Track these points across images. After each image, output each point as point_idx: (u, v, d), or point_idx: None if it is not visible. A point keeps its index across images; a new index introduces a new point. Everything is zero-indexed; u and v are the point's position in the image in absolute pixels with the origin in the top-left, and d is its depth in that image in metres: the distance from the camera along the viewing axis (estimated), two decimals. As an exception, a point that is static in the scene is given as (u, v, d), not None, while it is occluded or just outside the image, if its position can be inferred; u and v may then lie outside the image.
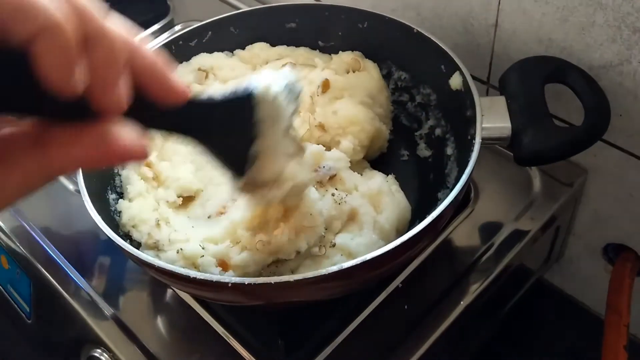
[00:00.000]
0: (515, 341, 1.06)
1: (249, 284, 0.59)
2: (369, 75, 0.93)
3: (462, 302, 0.80)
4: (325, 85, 0.89)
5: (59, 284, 0.87)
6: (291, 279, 0.58)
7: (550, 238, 0.98)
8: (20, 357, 1.07)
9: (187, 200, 0.84)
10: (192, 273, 0.61)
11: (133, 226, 0.78)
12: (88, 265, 0.89)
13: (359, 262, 0.59)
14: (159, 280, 0.71)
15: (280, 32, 0.97)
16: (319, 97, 0.89)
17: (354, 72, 0.93)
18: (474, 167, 0.69)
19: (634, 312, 0.89)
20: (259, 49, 0.97)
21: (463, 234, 0.88)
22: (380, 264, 0.63)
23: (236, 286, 0.60)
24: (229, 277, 0.60)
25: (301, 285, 0.59)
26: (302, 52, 0.98)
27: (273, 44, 0.97)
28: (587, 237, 1.02)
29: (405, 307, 0.80)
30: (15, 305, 0.98)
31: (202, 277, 0.61)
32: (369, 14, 0.92)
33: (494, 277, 0.83)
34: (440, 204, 0.67)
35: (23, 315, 0.96)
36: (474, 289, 0.82)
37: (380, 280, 0.80)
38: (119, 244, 0.66)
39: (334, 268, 0.58)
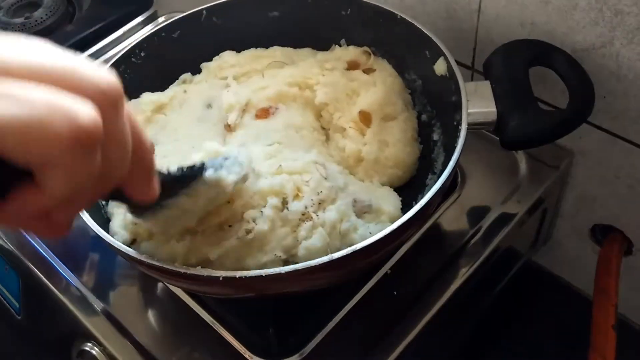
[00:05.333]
0: (504, 323, 1.07)
1: (240, 278, 0.59)
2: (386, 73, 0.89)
3: (451, 286, 0.81)
4: (367, 119, 0.83)
5: (48, 279, 0.86)
6: (282, 271, 0.58)
7: (537, 220, 0.98)
8: (11, 352, 1.07)
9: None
10: (183, 269, 0.61)
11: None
12: (77, 260, 0.88)
13: (349, 252, 0.59)
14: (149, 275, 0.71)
15: (264, 21, 0.96)
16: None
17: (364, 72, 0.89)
18: (460, 153, 0.69)
19: (622, 292, 0.90)
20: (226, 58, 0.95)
21: (451, 218, 0.88)
22: (370, 253, 0.63)
23: (227, 280, 0.60)
24: (220, 272, 0.60)
25: (292, 276, 0.59)
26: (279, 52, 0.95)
27: (257, 34, 0.96)
28: (574, 219, 1.03)
29: (395, 293, 0.81)
30: (5, 302, 0.98)
31: (193, 273, 0.61)
32: (352, 1, 0.91)
33: (483, 260, 0.84)
34: (428, 189, 0.67)
35: (12, 311, 0.96)
36: (463, 273, 0.82)
37: (370, 268, 0.81)
38: (108, 240, 0.65)
39: (325, 259, 0.59)
